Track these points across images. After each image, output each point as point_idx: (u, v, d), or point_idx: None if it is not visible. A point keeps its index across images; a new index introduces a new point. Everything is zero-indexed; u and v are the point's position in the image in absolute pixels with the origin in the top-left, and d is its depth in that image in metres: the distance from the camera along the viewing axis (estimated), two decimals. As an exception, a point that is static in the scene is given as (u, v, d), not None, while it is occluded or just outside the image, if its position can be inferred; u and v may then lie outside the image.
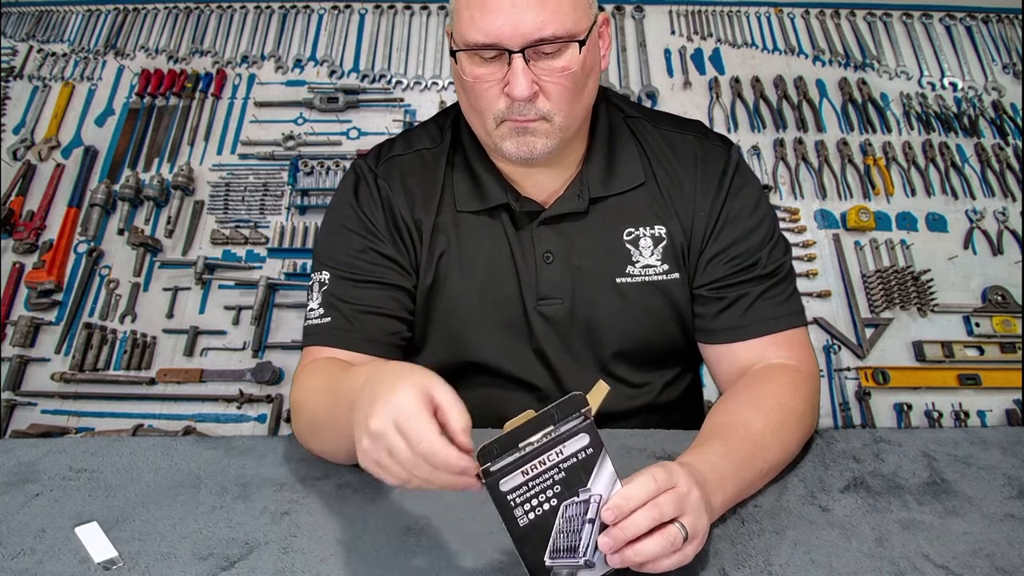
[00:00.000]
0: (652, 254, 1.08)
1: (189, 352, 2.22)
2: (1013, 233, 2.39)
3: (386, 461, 0.73)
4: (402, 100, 2.60)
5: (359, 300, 1.06)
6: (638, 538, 0.73)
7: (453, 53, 0.95)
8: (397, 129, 2.53)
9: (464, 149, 1.10)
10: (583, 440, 0.74)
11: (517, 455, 0.72)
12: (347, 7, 2.83)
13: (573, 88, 0.95)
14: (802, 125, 2.55)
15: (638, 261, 1.08)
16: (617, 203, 1.08)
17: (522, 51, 0.90)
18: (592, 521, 0.74)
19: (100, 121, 2.60)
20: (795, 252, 2.31)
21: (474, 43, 0.92)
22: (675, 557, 0.75)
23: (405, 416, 0.71)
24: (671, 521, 0.74)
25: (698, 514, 0.76)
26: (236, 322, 2.26)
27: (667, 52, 2.73)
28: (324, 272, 1.09)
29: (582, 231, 1.08)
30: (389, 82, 2.65)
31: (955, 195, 2.45)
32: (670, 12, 2.81)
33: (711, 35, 2.77)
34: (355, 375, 0.88)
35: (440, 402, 0.73)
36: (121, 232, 2.36)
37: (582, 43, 0.93)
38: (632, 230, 1.08)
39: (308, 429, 1.01)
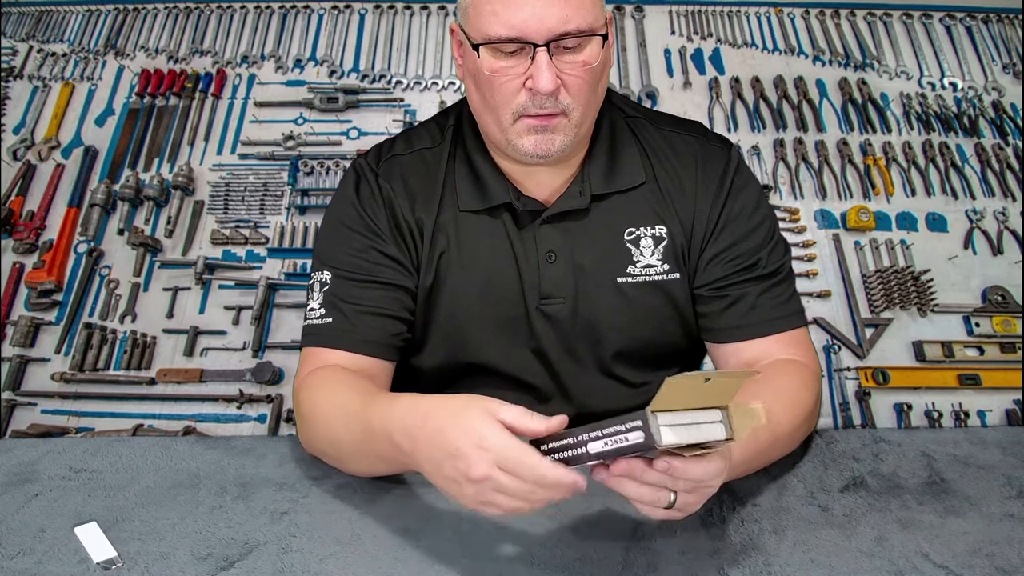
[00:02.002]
0: (653, 254, 1.08)
1: (189, 352, 2.21)
2: (1013, 233, 2.39)
3: (496, 499, 0.74)
4: (402, 100, 2.60)
5: (361, 300, 1.06)
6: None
7: (476, 47, 0.94)
8: (397, 129, 2.53)
9: (466, 148, 1.10)
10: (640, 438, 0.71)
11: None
12: (347, 7, 2.83)
13: (592, 82, 0.96)
14: (802, 125, 2.55)
15: (639, 261, 1.08)
16: (618, 203, 1.08)
17: (546, 44, 0.91)
18: (567, 448, 0.74)
19: (100, 121, 2.60)
20: (795, 252, 2.31)
21: (496, 37, 0.91)
22: (643, 508, 0.76)
23: (505, 454, 0.73)
24: None
25: (696, 502, 0.77)
26: (236, 322, 2.26)
27: (667, 52, 2.73)
28: (325, 272, 1.08)
29: (584, 230, 1.08)
30: (389, 82, 2.65)
31: (955, 195, 2.44)
32: (670, 12, 2.81)
33: (711, 35, 2.76)
34: (388, 406, 0.86)
35: (510, 423, 0.74)
36: (121, 232, 2.36)
37: (605, 37, 0.94)
38: (633, 230, 1.08)
39: (327, 449, 1.00)
